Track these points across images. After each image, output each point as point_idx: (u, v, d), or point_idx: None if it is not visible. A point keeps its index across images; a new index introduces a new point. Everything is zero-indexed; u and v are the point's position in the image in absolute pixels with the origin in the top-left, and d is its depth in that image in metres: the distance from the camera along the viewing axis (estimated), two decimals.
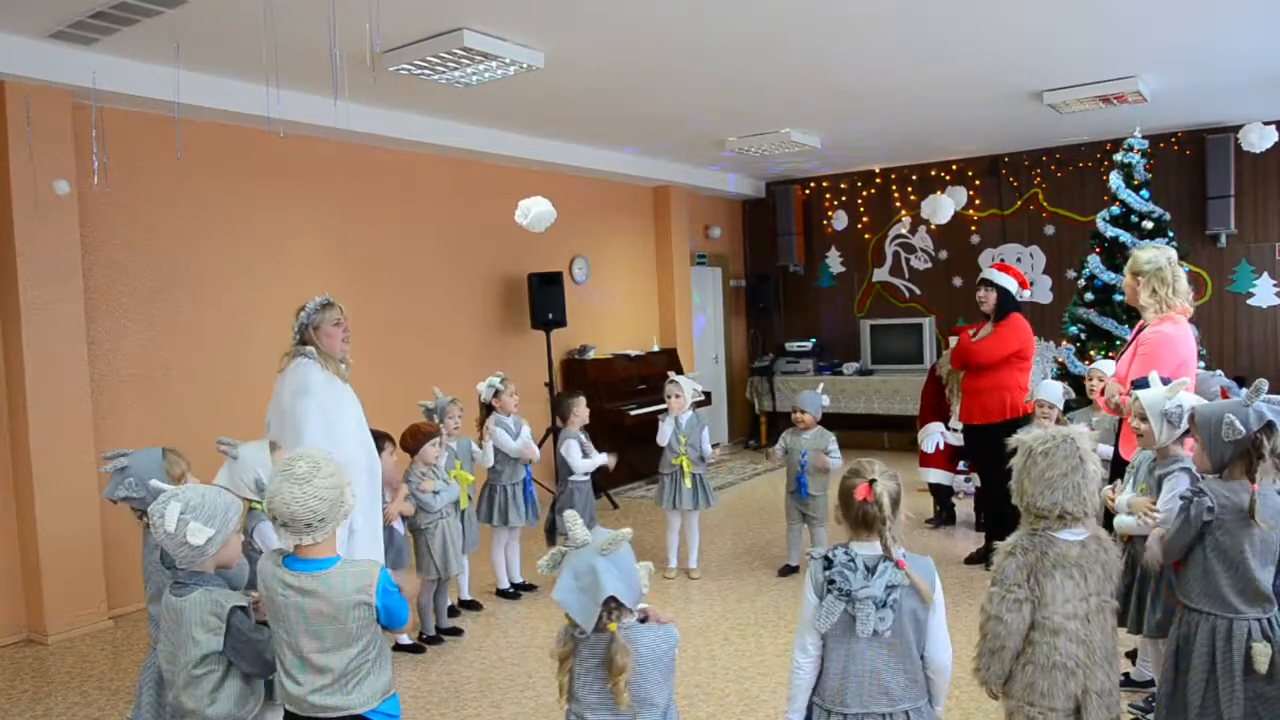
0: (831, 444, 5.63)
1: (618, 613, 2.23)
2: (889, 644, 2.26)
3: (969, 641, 4.33)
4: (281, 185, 6.24)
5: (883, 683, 2.27)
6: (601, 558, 2.22)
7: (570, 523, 2.30)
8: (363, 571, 2.31)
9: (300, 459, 2.31)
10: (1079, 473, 2.46)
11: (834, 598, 2.26)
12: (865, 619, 2.22)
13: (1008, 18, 5.11)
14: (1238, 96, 7.21)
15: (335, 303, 3.93)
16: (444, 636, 4.79)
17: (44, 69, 4.77)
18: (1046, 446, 2.49)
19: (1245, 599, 2.66)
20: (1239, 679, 2.62)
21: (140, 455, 2.97)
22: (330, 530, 2.29)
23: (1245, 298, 8.43)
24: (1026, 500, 2.51)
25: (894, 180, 10.15)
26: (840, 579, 2.26)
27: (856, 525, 2.33)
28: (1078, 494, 2.46)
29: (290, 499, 2.24)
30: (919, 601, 2.27)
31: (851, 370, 10.04)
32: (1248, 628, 2.65)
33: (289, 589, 2.28)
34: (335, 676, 2.29)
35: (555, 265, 8.22)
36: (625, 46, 5.34)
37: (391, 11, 4.45)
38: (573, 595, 2.21)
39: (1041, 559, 2.46)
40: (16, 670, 4.62)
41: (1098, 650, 2.49)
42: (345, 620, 2.26)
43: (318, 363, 3.83)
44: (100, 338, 5.32)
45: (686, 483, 5.63)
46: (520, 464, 5.42)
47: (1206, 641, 2.69)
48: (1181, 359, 3.82)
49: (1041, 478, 2.47)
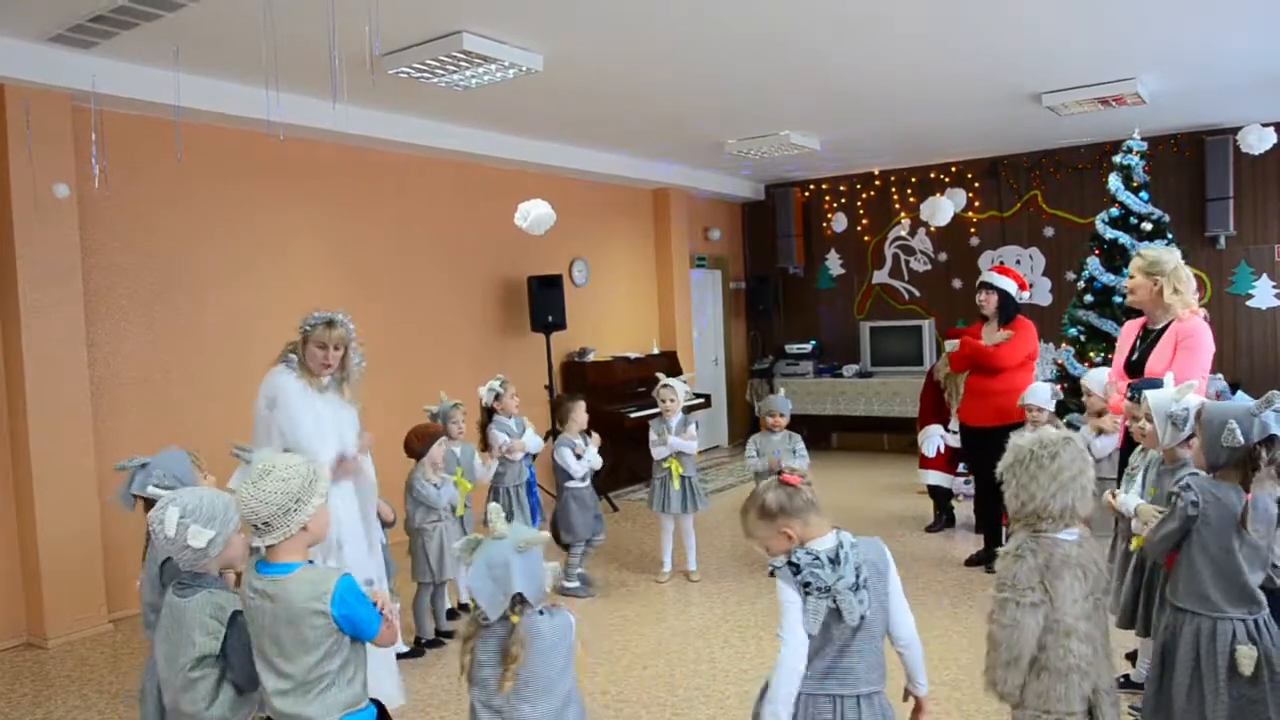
0: (799, 444, 5.74)
1: (521, 606, 2.35)
2: (861, 626, 2.30)
3: (970, 645, 4.35)
4: (281, 188, 6.25)
5: (870, 663, 2.33)
6: (516, 555, 2.34)
7: (493, 515, 2.43)
8: (318, 579, 2.26)
9: (263, 461, 2.31)
10: (1086, 475, 2.46)
11: (816, 597, 2.30)
12: (850, 607, 2.27)
13: (1007, 20, 5.12)
14: (1237, 98, 7.21)
15: (338, 324, 3.80)
16: (443, 639, 4.78)
17: (44, 72, 4.77)
18: (1054, 449, 2.47)
19: (1230, 599, 2.64)
20: (1224, 681, 2.59)
21: (162, 455, 2.97)
22: (284, 535, 2.25)
23: (1244, 299, 8.43)
24: (1035, 504, 2.47)
25: (893, 182, 10.15)
26: (814, 578, 2.31)
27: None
28: (1085, 495, 2.46)
29: (241, 498, 2.25)
30: (879, 576, 2.33)
31: (851, 372, 10.04)
32: (1232, 629, 2.63)
33: (254, 592, 2.28)
34: (295, 683, 2.25)
35: (555, 268, 8.23)
36: (624, 49, 5.34)
37: (391, 14, 4.46)
38: (484, 583, 2.34)
39: (1050, 560, 2.44)
40: (16, 674, 4.62)
41: (1100, 648, 2.49)
42: (300, 626, 2.23)
43: (295, 371, 3.82)
44: (100, 340, 5.33)
45: (675, 485, 5.63)
46: (523, 466, 5.42)
47: (1191, 642, 2.67)
48: (1211, 353, 3.89)
49: (1054, 480, 2.44)
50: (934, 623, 4.63)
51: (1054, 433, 2.54)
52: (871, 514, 7.16)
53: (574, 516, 5.42)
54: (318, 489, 2.30)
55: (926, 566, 5.78)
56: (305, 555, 2.34)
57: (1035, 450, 2.48)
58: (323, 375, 3.84)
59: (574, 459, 5.49)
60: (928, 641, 2.37)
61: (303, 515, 2.26)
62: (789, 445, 5.73)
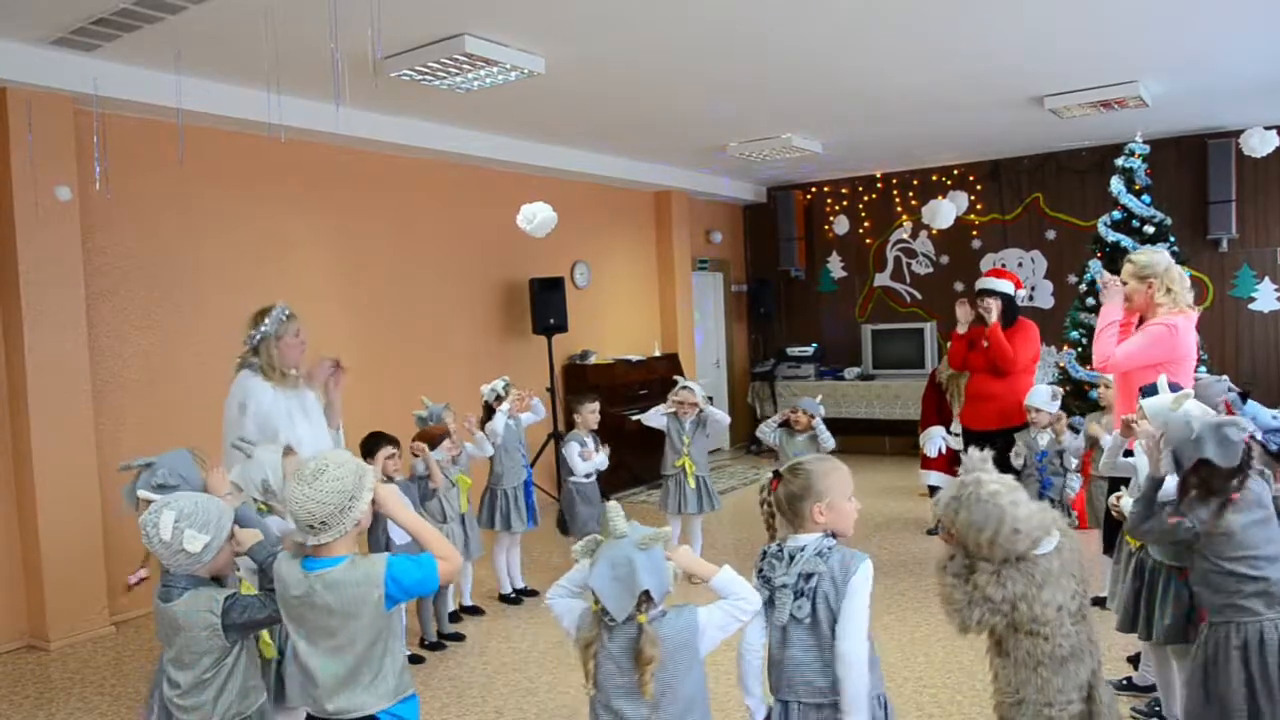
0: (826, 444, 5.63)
1: (647, 605, 2.27)
2: (809, 633, 2.32)
3: (970, 646, 4.34)
4: (283, 191, 6.25)
5: (806, 673, 2.33)
6: (639, 552, 2.27)
7: (611, 514, 2.35)
8: (369, 565, 2.29)
9: (315, 460, 2.31)
10: (1006, 519, 2.40)
11: (759, 584, 2.40)
12: (781, 606, 2.34)
13: (1009, 23, 5.11)
14: (1239, 101, 7.21)
15: (295, 314, 3.94)
16: (446, 642, 4.78)
17: (45, 75, 4.77)
18: (961, 504, 2.46)
19: (1265, 601, 2.62)
20: (1275, 681, 2.57)
21: (166, 455, 2.96)
22: (340, 533, 2.26)
23: (1246, 302, 8.42)
24: (986, 554, 2.45)
25: (895, 185, 10.15)
26: (767, 568, 2.42)
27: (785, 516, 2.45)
28: (1017, 536, 2.41)
29: (295, 499, 2.25)
30: (835, 590, 2.31)
31: (853, 375, 10.04)
32: (1277, 629, 2.61)
33: (304, 588, 2.28)
34: (348, 673, 2.28)
35: (557, 270, 8.23)
36: (626, 52, 5.34)
37: (393, 17, 4.46)
38: (608, 584, 2.26)
39: (1029, 584, 2.43)
40: (18, 676, 4.62)
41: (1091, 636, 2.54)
42: (359, 616, 2.25)
43: (259, 375, 3.83)
44: (102, 342, 5.33)
45: (690, 484, 5.62)
46: (520, 467, 5.42)
47: (1239, 651, 2.62)
48: (1181, 355, 3.80)
49: (980, 532, 2.42)
50: (935, 626, 4.62)
51: (957, 482, 2.53)
52: (872, 516, 7.14)
53: (578, 508, 5.51)
54: (366, 483, 2.31)
55: (927, 569, 5.76)
56: (353, 547, 2.34)
57: (957, 507, 2.48)
58: (297, 367, 3.89)
59: (579, 458, 5.51)
60: (930, 644, 2.38)
61: (357, 512, 2.28)
62: (812, 447, 5.58)
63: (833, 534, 2.39)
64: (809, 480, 2.40)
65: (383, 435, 4.46)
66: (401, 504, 2.45)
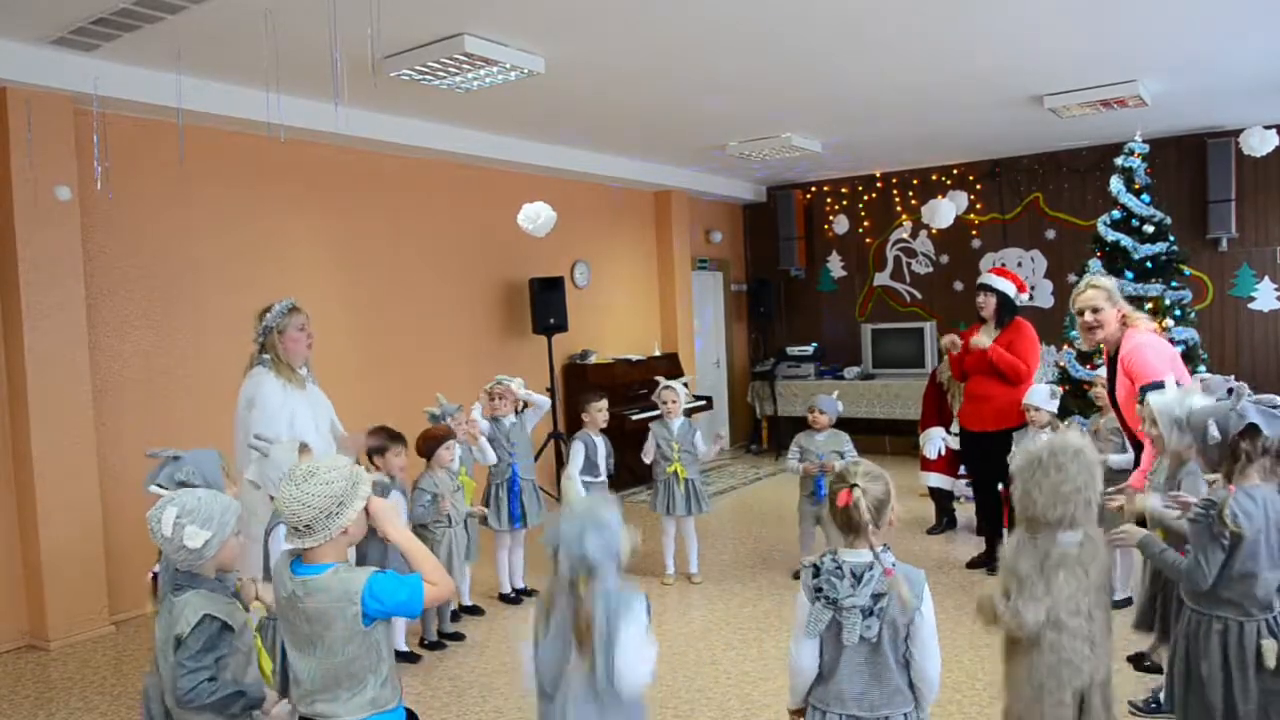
0: (847, 445, 5.61)
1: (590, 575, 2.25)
2: (875, 651, 2.28)
3: (970, 645, 4.35)
4: (283, 190, 6.25)
5: (867, 689, 2.29)
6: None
7: (565, 487, 2.39)
8: (349, 579, 2.25)
9: (311, 462, 2.31)
10: (1090, 488, 2.47)
11: (822, 605, 2.29)
12: (851, 627, 2.26)
13: (1009, 22, 5.11)
14: (1239, 100, 7.21)
15: (300, 307, 3.92)
16: (446, 642, 4.78)
17: (45, 75, 4.77)
18: (1061, 461, 2.49)
19: (1257, 604, 2.67)
20: (1251, 675, 2.64)
21: (196, 451, 2.96)
22: (324, 538, 2.23)
23: (1246, 302, 8.42)
24: (1035, 510, 2.50)
25: (895, 185, 10.15)
26: (828, 586, 2.29)
27: (843, 530, 2.35)
28: (1088, 507, 2.49)
29: (283, 499, 2.24)
30: (903, 611, 2.27)
31: (853, 375, 10.03)
32: (1256, 626, 2.68)
33: (289, 592, 2.27)
34: (326, 682, 2.26)
35: (556, 270, 8.23)
36: (626, 51, 5.34)
37: (392, 17, 4.46)
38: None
39: (1046, 556, 2.50)
40: (18, 676, 4.62)
41: (1099, 645, 2.54)
42: (333, 626, 2.22)
43: (272, 372, 3.83)
44: (102, 342, 5.33)
45: (679, 487, 5.64)
46: (505, 465, 5.41)
47: (1219, 644, 2.69)
48: (1168, 357, 3.85)
49: (1055, 491, 2.47)
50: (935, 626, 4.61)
51: (1069, 443, 2.55)
52: None
53: None
54: (359, 491, 2.28)
55: (928, 569, 5.73)
56: (343, 556, 2.32)
57: (1044, 459, 2.51)
58: (308, 361, 3.89)
59: (583, 458, 5.52)
60: None
61: (344, 519, 2.24)
62: (835, 445, 5.58)
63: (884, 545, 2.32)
64: (889, 484, 2.35)
65: (395, 434, 4.47)
66: (396, 520, 2.41)
